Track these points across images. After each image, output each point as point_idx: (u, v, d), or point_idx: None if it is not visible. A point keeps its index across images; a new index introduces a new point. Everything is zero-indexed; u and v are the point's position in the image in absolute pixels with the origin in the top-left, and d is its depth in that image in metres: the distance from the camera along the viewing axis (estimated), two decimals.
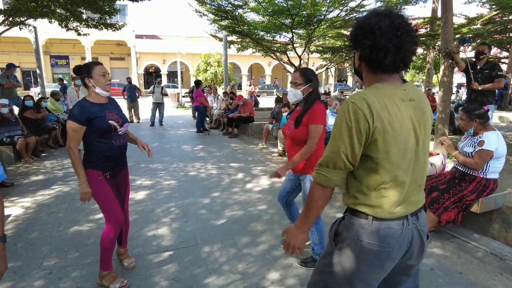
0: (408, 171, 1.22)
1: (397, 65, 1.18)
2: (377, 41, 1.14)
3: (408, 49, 1.16)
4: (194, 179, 5.07)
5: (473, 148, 2.87)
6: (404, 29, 1.14)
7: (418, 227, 1.26)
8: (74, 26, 8.30)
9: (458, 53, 4.61)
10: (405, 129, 1.18)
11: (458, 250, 2.98)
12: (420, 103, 1.25)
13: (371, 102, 1.14)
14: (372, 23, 1.15)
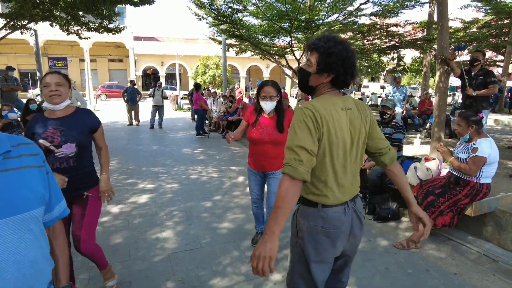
0: (346, 165, 1.48)
1: (348, 84, 1.50)
2: (352, 71, 1.44)
3: (356, 72, 1.49)
4: (196, 182, 5.16)
5: (467, 154, 2.98)
6: (356, 57, 1.48)
7: (356, 210, 1.55)
8: (75, 30, 8.38)
9: (454, 59, 4.74)
10: (343, 132, 1.43)
11: (452, 252, 3.09)
12: (355, 111, 1.51)
13: (319, 109, 1.39)
14: (349, 54, 1.41)
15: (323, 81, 1.47)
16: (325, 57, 1.41)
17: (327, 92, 1.49)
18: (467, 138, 3.02)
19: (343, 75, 1.43)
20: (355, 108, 1.51)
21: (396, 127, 3.97)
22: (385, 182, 3.91)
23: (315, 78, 1.49)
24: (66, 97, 2.09)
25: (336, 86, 1.49)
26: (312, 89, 1.54)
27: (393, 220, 3.77)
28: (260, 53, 12.28)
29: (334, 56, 1.40)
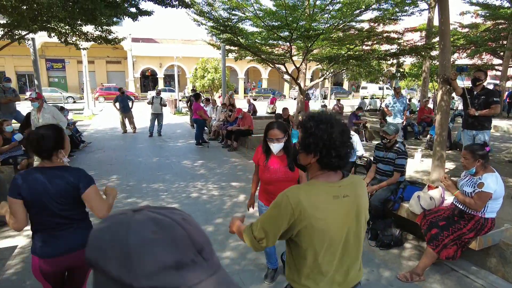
0: (333, 262, 1.39)
1: (345, 166, 1.42)
2: (340, 151, 1.35)
3: (351, 152, 1.41)
4: (196, 202, 5.13)
5: (472, 188, 2.96)
6: (350, 136, 1.40)
7: None
8: (74, 40, 8.31)
9: (456, 79, 4.72)
10: (332, 225, 1.34)
11: (457, 285, 3.07)
12: (354, 198, 1.41)
13: (302, 199, 1.32)
14: (333, 135, 1.34)
15: (311, 162, 1.40)
16: (305, 137, 1.39)
17: (320, 176, 1.41)
18: (473, 172, 3.00)
19: (326, 157, 1.35)
20: (354, 195, 1.41)
21: (399, 153, 3.95)
22: (387, 207, 3.90)
23: (302, 157, 1.44)
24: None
25: (326, 168, 1.39)
26: (304, 167, 1.49)
27: (396, 246, 3.75)
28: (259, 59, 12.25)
29: (312, 136, 1.35)
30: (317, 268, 1.37)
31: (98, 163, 7.49)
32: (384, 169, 4.08)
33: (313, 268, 1.37)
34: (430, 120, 10.48)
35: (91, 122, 14.78)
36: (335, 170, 1.41)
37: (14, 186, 1.83)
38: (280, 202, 1.35)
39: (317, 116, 1.39)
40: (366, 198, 1.49)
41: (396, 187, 3.96)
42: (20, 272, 3.24)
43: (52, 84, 30.09)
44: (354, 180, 1.45)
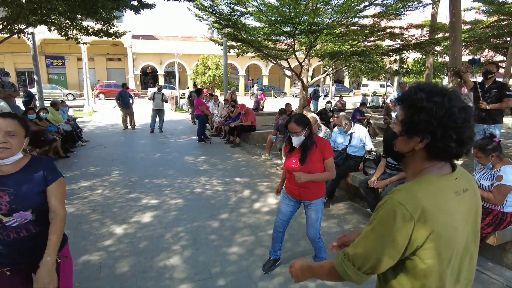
0: (459, 273, 1.08)
1: (464, 155, 1.06)
2: (463, 133, 0.99)
3: (472, 136, 1.04)
4: (201, 198, 5.02)
5: (490, 181, 2.86)
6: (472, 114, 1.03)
7: None
8: (74, 35, 8.18)
9: (467, 72, 4.60)
10: (458, 230, 1.03)
11: (474, 282, 2.96)
12: (473, 193, 1.11)
13: (425, 203, 0.97)
14: (453, 110, 0.98)
15: (415, 148, 1.05)
16: (411, 113, 1.02)
17: (430, 169, 1.06)
18: (491, 166, 2.89)
19: (441, 141, 0.99)
20: (473, 188, 1.11)
21: None
22: None
23: (402, 142, 1.08)
24: (18, 150, 1.60)
25: (437, 157, 1.05)
26: (401, 156, 1.13)
27: None
28: (261, 55, 12.12)
29: (425, 112, 0.99)
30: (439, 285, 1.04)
31: (99, 159, 7.37)
32: (394, 163, 3.97)
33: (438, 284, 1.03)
34: None
35: (91, 118, 14.65)
36: (448, 160, 1.08)
37: None
38: (394, 214, 0.98)
39: (427, 86, 1.03)
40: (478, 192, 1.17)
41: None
42: None
43: (52, 81, 29.92)
44: (463, 169, 1.13)
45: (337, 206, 4.74)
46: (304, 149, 2.72)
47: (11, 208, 1.57)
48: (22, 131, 1.62)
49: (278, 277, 3.03)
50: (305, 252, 3.46)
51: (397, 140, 1.10)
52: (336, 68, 13.58)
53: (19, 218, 1.60)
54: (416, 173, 1.09)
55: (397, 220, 0.97)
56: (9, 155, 1.57)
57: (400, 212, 0.97)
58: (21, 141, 1.61)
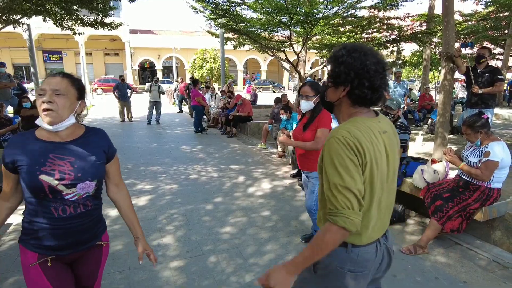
0: (382, 199, 1.28)
1: (378, 101, 1.27)
2: (374, 82, 1.21)
3: (386, 85, 1.26)
4: (196, 183, 5.05)
5: (478, 158, 2.89)
6: (385, 68, 1.25)
7: (388, 246, 1.37)
8: (70, 25, 8.16)
9: (459, 56, 4.62)
10: (383, 161, 1.24)
11: (461, 257, 3.01)
12: (391, 135, 1.32)
13: (359, 136, 1.17)
14: (367, 62, 1.20)
15: (340, 96, 1.27)
16: (335, 66, 1.25)
17: (357, 113, 1.27)
18: (479, 143, 2.92)
19: (358, 88, 1.21)
20: (391, 130, 1.32)
21: (402, 128, 3.86)
22: None
23: (331, 92, 1.31)
24: (68, 113, 1.38)
25: (357, 103, 1.26)
26: (331, 105, 1.34)
27: (399, 222, 3.69)
28: (258, 47, 12.10)
29: (344, 65, 1.22)
30: (369, 214, 1.23)
31: None
32: None
33: (364, 214, 1.21)
34: (431, 107, 10.38)
35: (89, 112, 14.65)
36: (368, 107, 1.29)
37: None
38: (339, 144, 1.15)
39: (350, 45, 1.25)
40: (397, 135, 1.38)
41: (399, 163, 3.88)
42: (15, 248, 3.17)
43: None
44: (386, 118, 1.36)
45: None
46: (312, 116, 2.79)
47: (76, 177, 1.39)
48: (73, 92, 1.40)
49: (269, 254, 3.07)
50: (296, 231, 3.50)
51: (327, 92, 1.32)
52: None
53: (81, 191, 1.42)
54: (346, 118, 1.30)
55: (347, 149, 1.15)
56: (57, 119, 1.34)
57: (340, 141, 1.16)
58: (71, 103, 1.38)
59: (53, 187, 1.35)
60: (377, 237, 1.30)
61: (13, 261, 2.93)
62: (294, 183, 5.07)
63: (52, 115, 1.33)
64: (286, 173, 5.60)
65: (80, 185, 1.41)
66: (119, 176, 1.66)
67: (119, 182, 1.66)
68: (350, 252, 1.26)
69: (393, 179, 1.33)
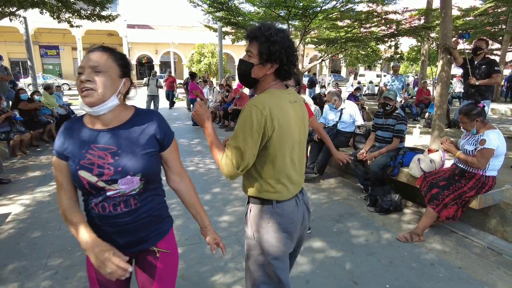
0: (294, 159, 1.47)
1: (290, 75, 1.46)
2: (293, 59, 1.41)
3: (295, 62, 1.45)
4: (194, 174, 5.07)
5: (474, 146, 2.92)
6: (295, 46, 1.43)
7: (305, 201, 1.59)
8: (66, 18, 8.11)
9: (456, 48, 4.63)
10: (292, 126, 1.42)
11: (457, 245, 3.05)
12: (299, 105, 1.52)
13: (270, 104, 1.34)
14: (285, 42, 1.37)
15: (267, 72, 1.42)
16: (268, 46, 1.36)
17: (273, 86, 1.45)
18: (475, 132, 2.95)
19: (286, 65, 1.40)
20: (299, 101, 1.54)
21: (399, 118, 3.89)
22: (387, 173, 3.86)
23: (258, 69, 1.41)
24: (110, 93, 1.19)
25: (279, 77, 1.45)
26: (255, 81, 1.46)
27: (396, 212, 3.73)
28: None
29: (277, 44, 1.35)
30: (286, 173, 1.44)
31: None
32: (383, 136, 4.03)
33: (282, 173, 1.43)
34: (428, 101, 10.41)
35: None
36: (286, 79, 1.48)
37: None
38: (251, 112, 1.32)
39: (272, 26, 1.39)
40: (305, 107, 1.60)
41: (396, 154, 3.91)
42: (14, 236, 3.19)
43: (46, 71, 29.64)
44: (294, 91, 1.58)
45: (328, 181, 4.81)
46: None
47: (117, 171, 1.19)
48: (115, 68, 1.21)
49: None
50: None
51: (253, 69, 1.42)
52: (331, 54, 13.55)
53: (125, 187, 1.22)
54: (262, 90, 1.46)
55: (253, 116, 1.31)
56: (98, 99, 1.16)
57: (254, 111, 1.32)
58: (113, 81, 1.20)
59: (93, 183, 1.19)
60: (295, 192, 1.50)
61: (12, 249, 2.95)
62: None
63: (91, 95, 1.15)
64: None
65: (121, 181, 1.20)
66: (180, 165, 1.44)
67: (180, 170, 1.43)
68: (276, 208, 1.45)
69: (304, 142, 1.54)
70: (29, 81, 20.24)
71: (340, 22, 11.69)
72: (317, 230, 3.33)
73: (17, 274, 2.58)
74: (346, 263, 2.76)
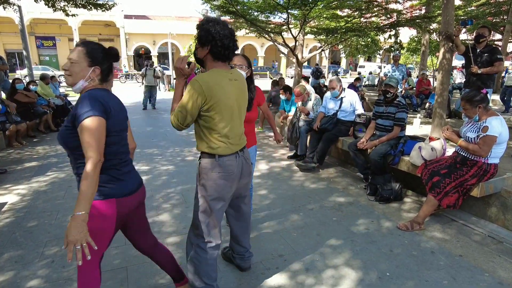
0: (234, 125, 1.90)
1: (230, 57, 1.88)
2: (226, 43, 1.80)
3: (235, 47, 1.86)
4: (192, 164, 5.02)
5: (476, 133, 2.87)
6: (232, 33, 1.84)
7: (245, 157, 2.02)
8: (62, 6, 7.95)
9: (459, 36, 4.55)
10: (230, 98, 1.84)
11: (457, 233, 3.03)
12: (240, 83, 1.94)
13: (207, 81, 1.76)
14: (220, 30, 1.78)
15: (204, 54, 1.84)
16: (200, 32, 1.82)
17: (216, 66, 1.85)
18: (477, 119, 2.90)
19: (215, 47, 1.79)
20: (240, 80, 1.96)
21: (399, 106, 3.84)
22: (387, 162, 3.81)
23: (199, 51, 1.87)
24: (79, 78, 1.56)
25: (218, 58, 1.84)
26: (202, 61, 1.90)
27: (396, 201, 3.70)
28: (255, 30, 11.92)
29: (205, 31, 1.79)
30: (225, 134, 1.86)
31: None
32: (384, 124, 3.98)
33: (222, 134, 1.85)
34: (429, 92, 10.34)
35: None
36: (224, 61, 1.87)
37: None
38: (193, 85, 1.74)
39: (209, 17, 1.86)
40: (245, 85, 2.02)
41: (396, 142, 3.87)
42: (10, 225, 3.15)
43: (43, 63, 29.34)
44: (239, 72, 2.02)
45: (327, 171, 4.77)
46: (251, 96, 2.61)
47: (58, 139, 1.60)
48: (85, 59, 1.57)
49: (265, 229, 3.07)
50: (293, 209, 3.50)
51: (197, 51, 1.89)
52: (331, 45, 13.40)
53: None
54: (208, 69, 1.87)
55: (195, 88, 1.74)
56: (71, 82, 1.59)
57: (196, 84, 1.75)
58: (82, 69, 1.55)
59: None
60: (235, 150, 1.93)
61: (8, 238, 2.91)
62: (291, 164, 5.06)
63: (67, 79, 1.60)
64: (283, 155, 5.59)
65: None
66: (86, 148, 1.43)
67: (85, 154, 1.43)
68: (218, 160, 1.88)
69: (243, 112, 1.99)
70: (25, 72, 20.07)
71: (340, 12, 11.53)
72: (316, 219, 3.30)
73: (13, 263, 2.54)
74: (345, 251, 2.73)
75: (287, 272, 2.46)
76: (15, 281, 2.34)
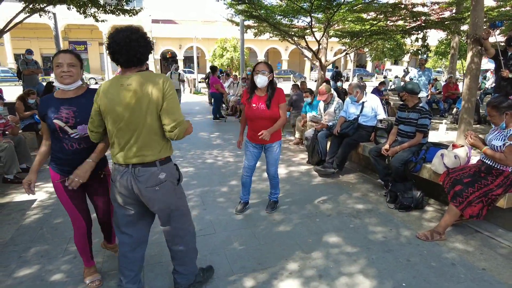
0: (123, 132, 1.84)
1: (121, 62, 1.81)
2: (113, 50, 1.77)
3: (135, 52, 1.79)
4: (212, 167, 5.10)
5: (502, 141, 2.75)
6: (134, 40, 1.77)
7: (135, 176, 1.87)
8: (92, 12, 8.34)
9: (488, 38, 4.38)
10: (117, 105, 1.79)
11: (481, 245, 2.90)
12: (137, 88, 1.78)
13: (102, 88, 1.87)
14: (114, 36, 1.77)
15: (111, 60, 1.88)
16: (107, 40, 1.84)
17: (119, 73, 1.95)
18: (504, 126, 2.77)
19: (111, 54, 1.80)
20: (138, 84, 1.78)
21: (422, 112, 3.73)
22: (408, 169, 3.71)
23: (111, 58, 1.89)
24: (78, 78, 2.08)
25: (117, 63, 1.84)
26: None
27: (417, 209, 3.59)
28: (278, 34, 11.95)
29: (109, 38, 1.81)
30: (113, 143, 1.89)
31: None
32: (405, 130, 3.88)
33: (113, 142, 1.89)
34: (456, 97, 9.95)
35: None
36: (122, 67, 1.85)
37: None
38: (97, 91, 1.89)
39: (122, 28, 1.81)
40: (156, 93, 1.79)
41: (418, 149, 3.76)
42: (38, 221, 3.33)
43: None
44: (149, 76, 1.82)
45: (347, 177, 4.70)
46: (271, 93, 3.06)
47: (76, 121, 2.05)
48: (79, 63, 2.08)
49: (282, 234, 3.07)
50: (310, 215, 3.48)
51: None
52: (356, 48, 13.19)
53: (81, 131, 2.08)
54: None
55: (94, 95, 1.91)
56: (73, 81, 2.04)
57: (96, 90, 1.91)
58: (79, 71, 2.07)
59: (61, 126, 2.05)
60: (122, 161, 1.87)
61: (36, 233, 3.07)
62: (310, 169, 5.02)
63: (70, 79, 2.03)
64: (303, 159, 5.56)
65: (79, 127, 2.07)
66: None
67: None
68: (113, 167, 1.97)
69: (135, 123, 1.81)
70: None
71: (365, 15, 11.35)
72: (333, 225, 3.26)
73: (39, 257, 2.69)
74: (361, 259, 2.68)
75: (300, 278, 2.44)
76: (40, 275, 2.47)
